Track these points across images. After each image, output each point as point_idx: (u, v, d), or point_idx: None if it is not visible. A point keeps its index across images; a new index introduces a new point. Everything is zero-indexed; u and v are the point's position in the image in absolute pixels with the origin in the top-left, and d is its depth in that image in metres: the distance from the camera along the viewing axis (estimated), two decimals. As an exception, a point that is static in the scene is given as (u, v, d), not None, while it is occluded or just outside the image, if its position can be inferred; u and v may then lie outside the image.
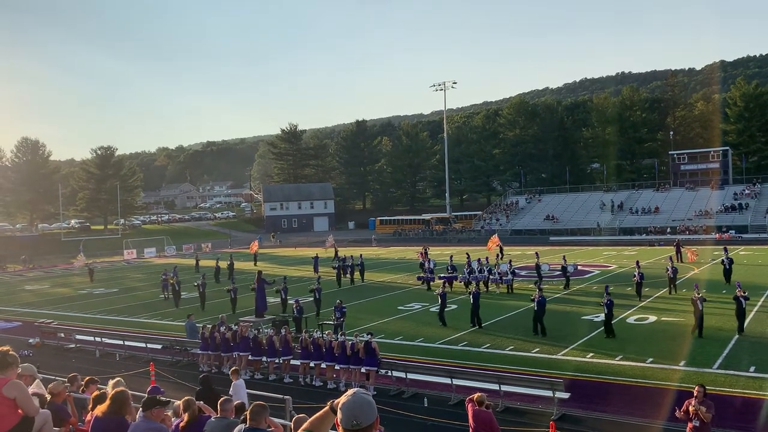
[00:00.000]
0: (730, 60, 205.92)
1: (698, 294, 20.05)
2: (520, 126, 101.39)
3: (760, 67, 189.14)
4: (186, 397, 6.48)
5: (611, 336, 19.93)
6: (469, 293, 22.49)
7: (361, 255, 39.66)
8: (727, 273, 29.76)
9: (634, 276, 26.97)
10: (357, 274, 36.96)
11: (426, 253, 38.55)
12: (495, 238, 42.60)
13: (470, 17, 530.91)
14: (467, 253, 35.46)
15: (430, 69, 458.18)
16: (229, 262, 42.24)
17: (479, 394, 10.54)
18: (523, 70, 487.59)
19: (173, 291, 32.01)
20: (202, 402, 7.18)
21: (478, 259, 32.25)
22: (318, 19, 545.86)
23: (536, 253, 36.01)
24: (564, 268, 31.45)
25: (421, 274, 34.14)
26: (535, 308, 21.13)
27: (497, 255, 38.32)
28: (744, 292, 19.79)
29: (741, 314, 19.74)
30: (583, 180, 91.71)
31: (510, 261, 33.41)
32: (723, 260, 30.68)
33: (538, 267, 33.08)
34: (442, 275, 32.20)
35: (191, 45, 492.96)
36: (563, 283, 31.12)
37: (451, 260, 33.37)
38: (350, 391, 2.98)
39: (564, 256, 33.20)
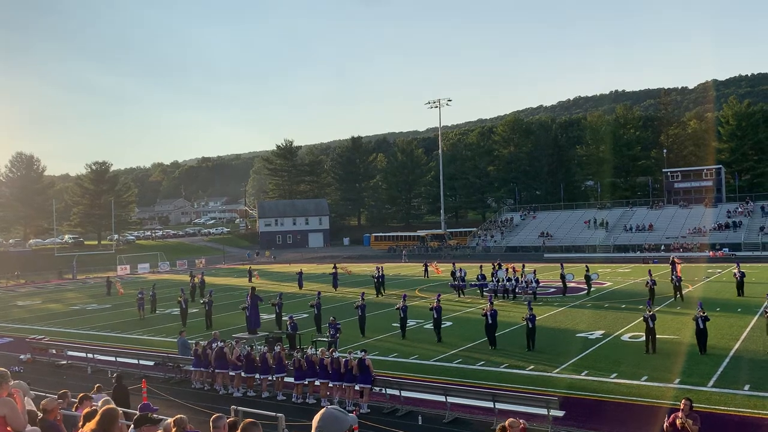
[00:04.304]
0: (722, 79, 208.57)
1: (649, 312, 20.27)
2: (514, 143, 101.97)
3: (752, 86, 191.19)
4: (178, 416, 6.43)
5: (531, 349, 20.95)
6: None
7: (381, 268, 40.09)
8: (740, 286, 31.01)
9: (647, 284, 29.43)
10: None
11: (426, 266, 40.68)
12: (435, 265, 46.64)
13: (465, 35, 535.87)
14: (493, 264, 39.01)
15: (425, 86, 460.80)
16: (199, 279, 42.80)
17: (511, 419, 8.67)
18: (517, 88, 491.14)
19: (180, 309, 31.46)
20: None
21: (506, 269, 36.40)
22: (314, 36, 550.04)
23: (561, 264, 38.46)
24: (588, 277, 34.24)
25: (454, 282, 36.68)
26: (489, 321, 21.93)
27: (497, 266, 39.82)
28: (703, 313, 19.59)
29: (700, 335, 19.48)
30: (578, 197, 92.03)
31: (534, 271, 35.90)
32: (735, 273, 31.71)
33: (563, 277, 34.94)
34: (473, 283, 36.37)
35: (187, 61, 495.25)
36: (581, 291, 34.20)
37: (481, 269, 36.78)
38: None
39: (587, 266, 36.38)
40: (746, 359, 18.87)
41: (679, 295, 30.18)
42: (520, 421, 8.75)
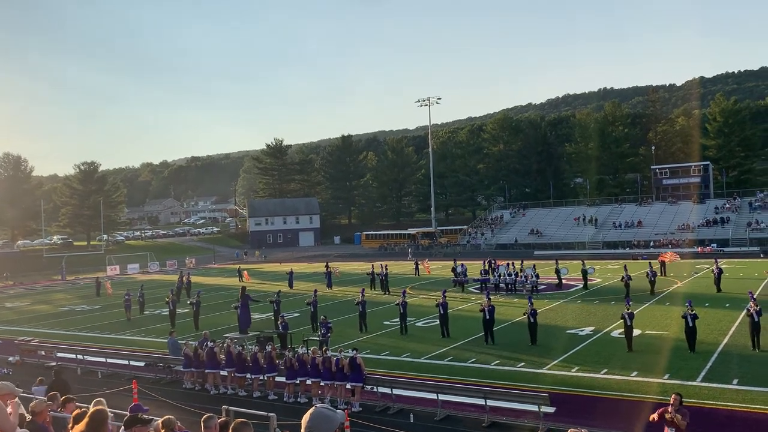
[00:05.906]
0: (709, 76, 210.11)
1: (627, 310, 20.44)
2: (504, 141, 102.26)
3: (738, 83, 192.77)
4: (166, 416, 6.40)
5: (534, 344, 21.29)
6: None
7: (385, 266, 40.00)
8: (717, 282, 31.34)
9: (623, 278, 30.54)
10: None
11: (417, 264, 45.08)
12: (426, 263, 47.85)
13: (455, 34, 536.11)
14: (493, 259, 40.49)
15: (415, 84, 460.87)
16: (186, 279, 42.67)
17: (572, 430, 8.53)
18: (506, 86, 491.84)
19: (169, 310, 31.20)
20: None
21: (507, 264, 37.51)
22: (304, 35, 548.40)
23: (556, 260, 40.04)
24: (584, 271, 35.56)
25: (456, 278, 38.15)
26: (487, 316, 22.13)
27: (487, 263, 40.58)
28: (692, 311, 19.58)
29: (689, 332, 19.44)
30: (567, 194, 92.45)
31: (534, 265, 36.73)
32: (713, 270, 32.12)
33: (557, 272, 36.08)
34: (475, 278, 37.53)
35: (176, 60, 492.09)
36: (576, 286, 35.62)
37: (484, 264, 38.09)
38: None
39: (583, 260, 37.78)
40: (735, 354, 19.03)
41: (652, 289, 31.33)
42: (582, 430, 8.59)
